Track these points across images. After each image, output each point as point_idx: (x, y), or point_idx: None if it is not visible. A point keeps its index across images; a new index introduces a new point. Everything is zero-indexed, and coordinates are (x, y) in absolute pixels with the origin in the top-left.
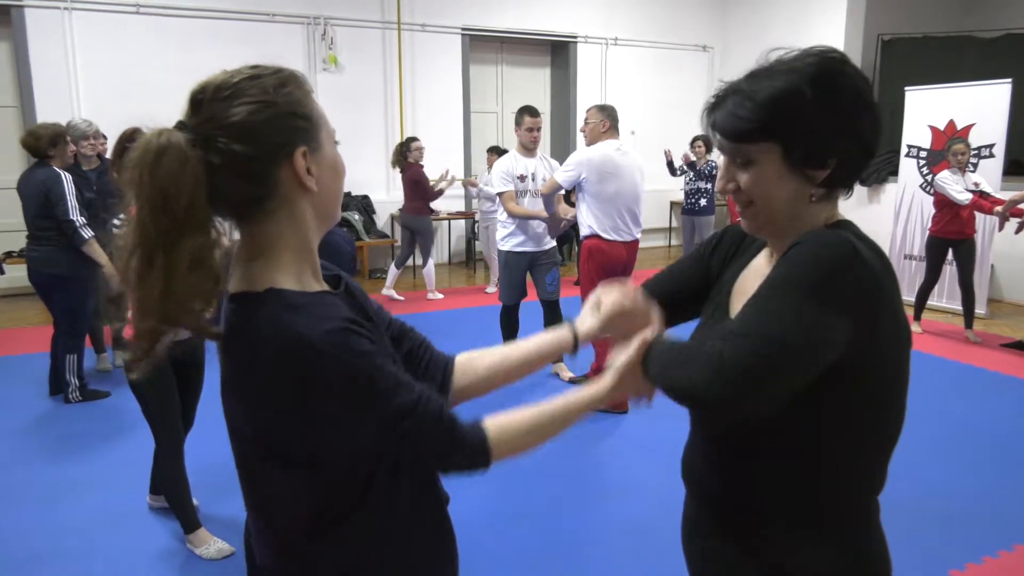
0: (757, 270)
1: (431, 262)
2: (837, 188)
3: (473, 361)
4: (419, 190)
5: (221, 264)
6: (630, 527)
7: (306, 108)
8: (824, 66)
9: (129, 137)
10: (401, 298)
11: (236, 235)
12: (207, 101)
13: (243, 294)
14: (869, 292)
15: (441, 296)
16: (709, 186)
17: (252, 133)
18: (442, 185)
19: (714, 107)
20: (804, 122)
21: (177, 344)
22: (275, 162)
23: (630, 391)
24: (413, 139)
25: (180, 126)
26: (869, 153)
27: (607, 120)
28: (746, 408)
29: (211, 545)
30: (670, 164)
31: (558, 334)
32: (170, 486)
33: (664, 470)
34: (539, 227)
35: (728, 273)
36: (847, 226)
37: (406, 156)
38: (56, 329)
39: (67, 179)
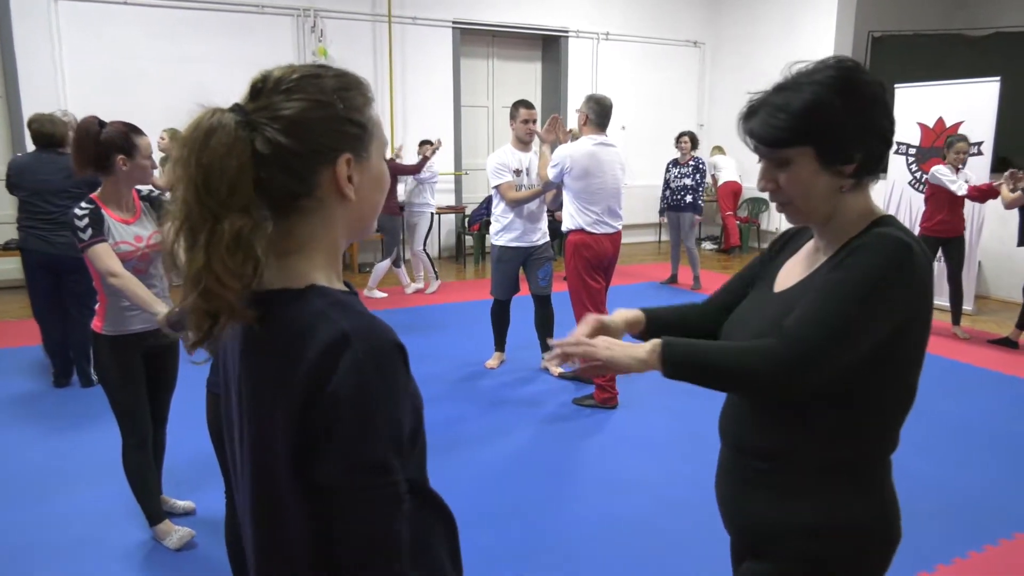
0: (806, 255)
1: (387, 262)
2: (865, 177)
3: None
4: (395, 174)
5: (263, 251)
6: (621, 524)
7: (362, 116)
8: (844, 75)
9: (85, 128)
10: (383, 295)
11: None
12: (266, 91)
13: (284, 290)
14: (919, 293)
15: (383, 295)
16: (693, 183)
17: (301, 129)
18: (427, 152)
19: (748, 116)
20: (834, 126)
21: (149, 335)
22: (318, 163)
23: (624, 364)
24: None
25: (235, 108)
26: (888, 143)
27: (586, 114)
28: (794, 395)
29: (173, 536)
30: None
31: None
32: (134, 479)
33: (655, 466)
34: (533, 220)
35: (781, 257)
36: (891, 222)
37: None
38: (72, 315)
39: None
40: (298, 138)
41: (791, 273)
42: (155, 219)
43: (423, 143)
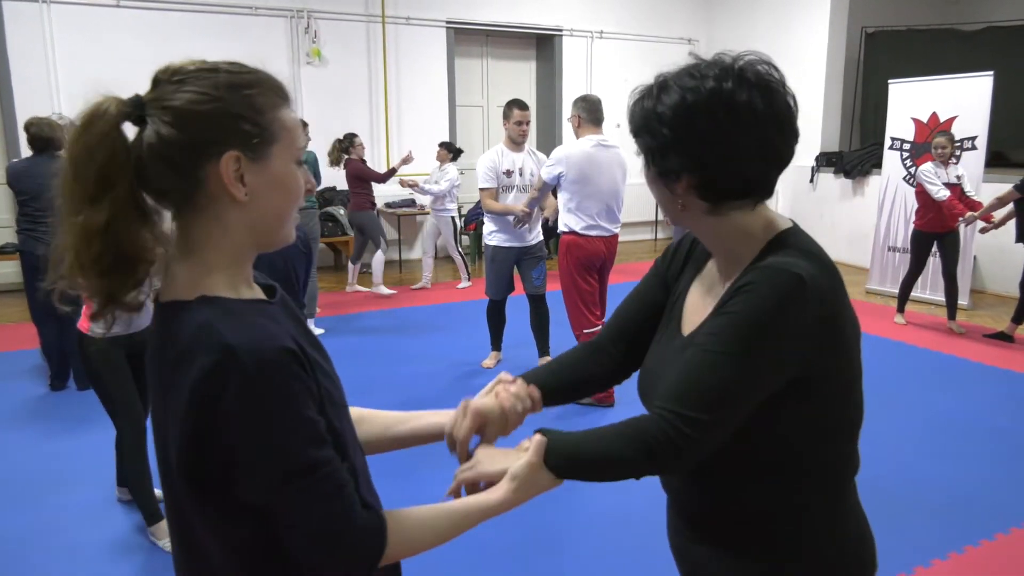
0: (708, 281)
1: (380, 254)
2: (721, 201)
3: (363, 423)
4: (360, 181)
5: (144, 251)
6: (614, 520)
7: (261, 117)
8: (681, 83)
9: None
10: (392, 291)
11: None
12: (163, 81)
13: (172, 303)
14: (820, 322)
15: (391, 292)
16: None
17: (185, 120)
18: (395, 164)
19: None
20: (657, 134)
21: (131, 336)
22: (201, 157)
23: (533, 494)
24: (354, 135)
25: (133, 98)
26: (739, 178)
27: (578, 116)
28: (676, 470)
29: (167, 537)
30: None
31: (441, 419)
32: (132, 476)
33: None
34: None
35: (682, 282)
36: (789, 242)
37: (348, 152)
38: (69, 318)
39: None
40: (181, 129)
41: (697, 307)
42: None
43: (442, 145)
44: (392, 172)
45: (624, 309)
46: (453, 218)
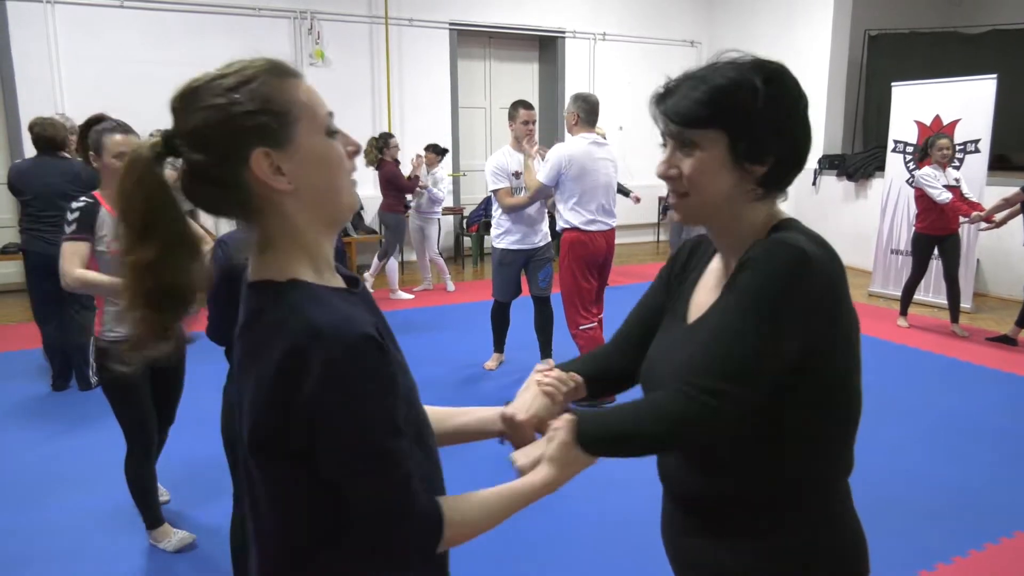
0: (714, 275)
1: (393, 260)
2: (771, 190)
3: None
4: (393, 187)
5: (193, 281)
6: (619, 521)
7: (273, 104)
8: (773, 68)
9: (97, 120)
10: (410, 296)
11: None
12: (177, 109)
13: (265, 282)
14: (825, 295)
15: (409, 296)
16: None
17: (204, 141)
18: (419, 172)
19: (664, 96)
20: (752, 114)
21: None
22: (235, 167)
23: (574, 471)
24: (390, 135)
25: (163, 134)
26: (800, 161)
27: (576, 113)
28: (704, 442)
29: (172, 538)
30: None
31: (490, 414)
32: (135, 485)
33: (646, 465)
34: (533, 223)
35: (687, 283)
36: (791, 225)
37: (383, 152)
38: (72, 318)
39: None
40: (204, 150)
41: (701, 300)
42: None
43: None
44: (417, 180)
45: (633, 315)
46: (439, 220)
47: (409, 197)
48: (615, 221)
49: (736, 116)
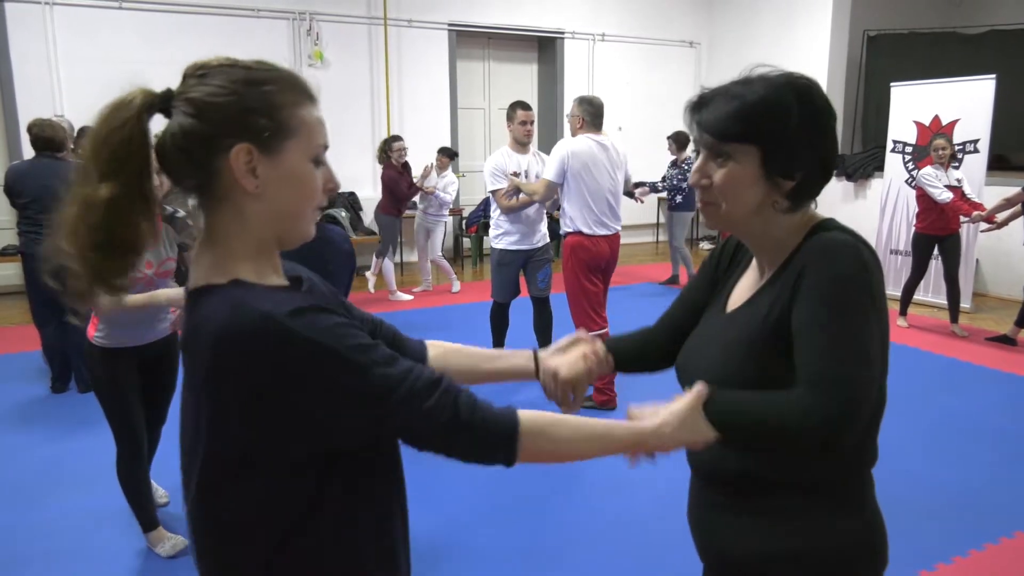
0: (752, 271)
1: (389, 262)
2: (801, 201)
3: (447, 358)
4: (388, 191)
5: (137, 238)
6: (620, 524)
7: (277, 112)
8: (804, 85)
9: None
10: (409, 297)
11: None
12: (188, 76)
13: (205, 287)
14: (881, 289)
15: (408, 297)
16: (683, 184)
17: (201, 111)
18: (426, 183)
19: (699, 106)
20: (785, 131)
21: (140, 349)
22: (214, 148)
23: (685, 437)
24: (396, 138)
25: (164, 91)
26: (828, 174)
27: (581, 117)
28: (847, 438)
29: (166, 542)
30: (653, 189)
31: (523, 361)
32: (128, 487)
33: (654, 467)
34: (532, 224)
35: (732, 278)
36: (833, 225)
37: (388, 155)
38: (72, 319)
39: None
40: (197, 119)
41: (741, 292)
42: (173, 242)
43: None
44: (418, 188)
45: (675, 307)
46: (446, 223)
47: (417, 199)
48: (620, 225)
49: (770, 133)
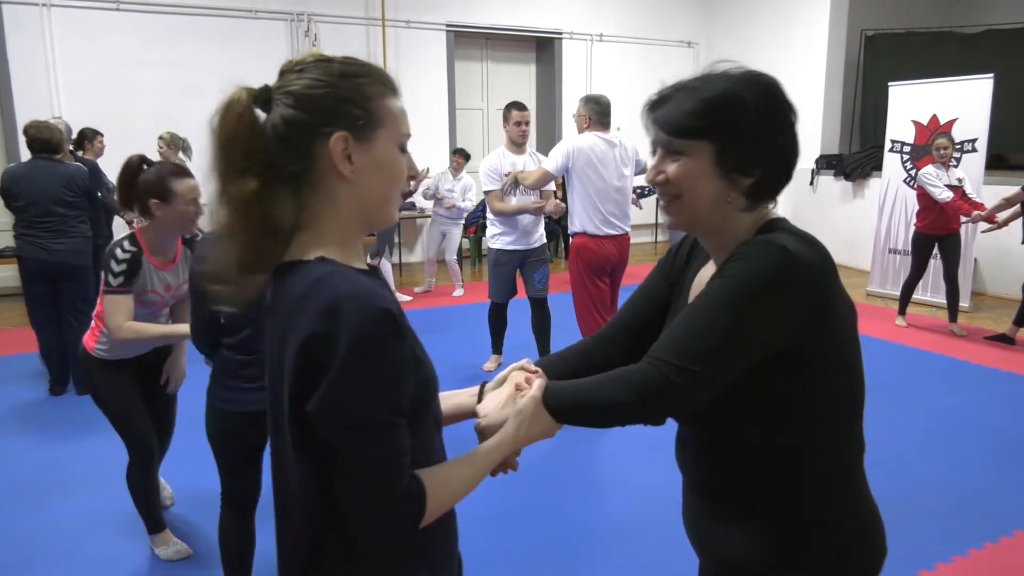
0: (709, 272)
1: (386, 262)
2: (761, 199)
3: None
4: None
5: (285, 216)
6: (621, 524)
7: (370, 103)
8: (764, 81)
9: (139, 163)
10: (409, 298)
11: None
12: (286, 72)
13: (292, 263)
14: (808, 291)
15: (408, 298)
16: None
17: (301, 102)
18: (414, 186)
19: (656, 104)
20: (740, 127)
21: (138, 358)
22: (314, 136)
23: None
24: None
25: (263, 87)
26: (788, 174)
27: (588, 116)
28: (661, 418)
29: (169, 546)
30: (642, 194)
31: (467, 399)
32: (136, 492)
33: (655, 467)
34: (529, 225)
35: (687, 277)
36: (779, 225)
37: None
38: (69, 322)
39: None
40: (300, 110)
41: (699, 285)
42: (188, 265)
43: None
44: (412, 192)
45: (630, 304)
46: (462, 224)
47: (424, 201)
48: (629, 226)
49: (724, 129)
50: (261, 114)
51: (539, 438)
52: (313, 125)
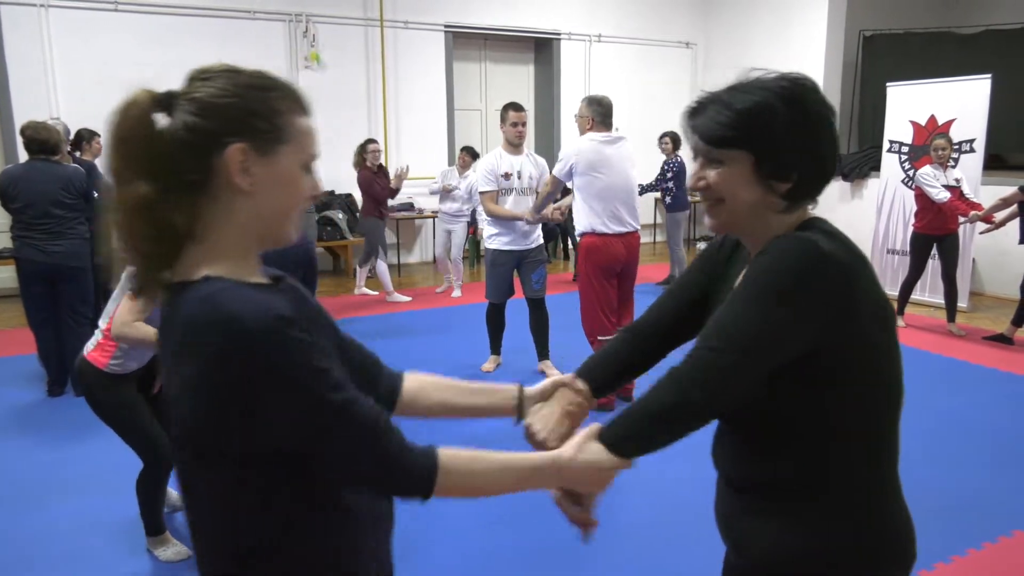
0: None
1: (380, 263)
2: (799, 201)
3: (424, 391)
4: (366, 193)
5: (181, 226)
6: (622, 525)
7: (277, 117)
8: (796, 88)
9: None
10: (408, 298)
11: None
12: (191, 78)
13: (178, 283)
14: (837, 290)
15: (406, 299)
16: (671, 184)
17: (204, 110)
18: (395, 183)
19: (695, 113)
20: (773, 137)
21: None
22: (214, 146)
23: (594, 485)
24: (371, 141)
25: (166, 92)
26: (827, 174)
27: (591, 117)
28: (713, 411)
29: (169, 548)
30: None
31: (505, 400)
32: (145, 496)
33: (655, 468)
34: (525, 225)
35: (732, 272)
36: (814, 224)
37: (363, 157)
38: (67, 324)
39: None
40: (202, 117)
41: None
42: None
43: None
44: (395, 191)
45: (666, 298)
46: (466, 223)
47: (424, 202)
48: (638, 224)
49: (757, 139)
50: (163, 119)
51: (597, 480)
52: (214, 134)
